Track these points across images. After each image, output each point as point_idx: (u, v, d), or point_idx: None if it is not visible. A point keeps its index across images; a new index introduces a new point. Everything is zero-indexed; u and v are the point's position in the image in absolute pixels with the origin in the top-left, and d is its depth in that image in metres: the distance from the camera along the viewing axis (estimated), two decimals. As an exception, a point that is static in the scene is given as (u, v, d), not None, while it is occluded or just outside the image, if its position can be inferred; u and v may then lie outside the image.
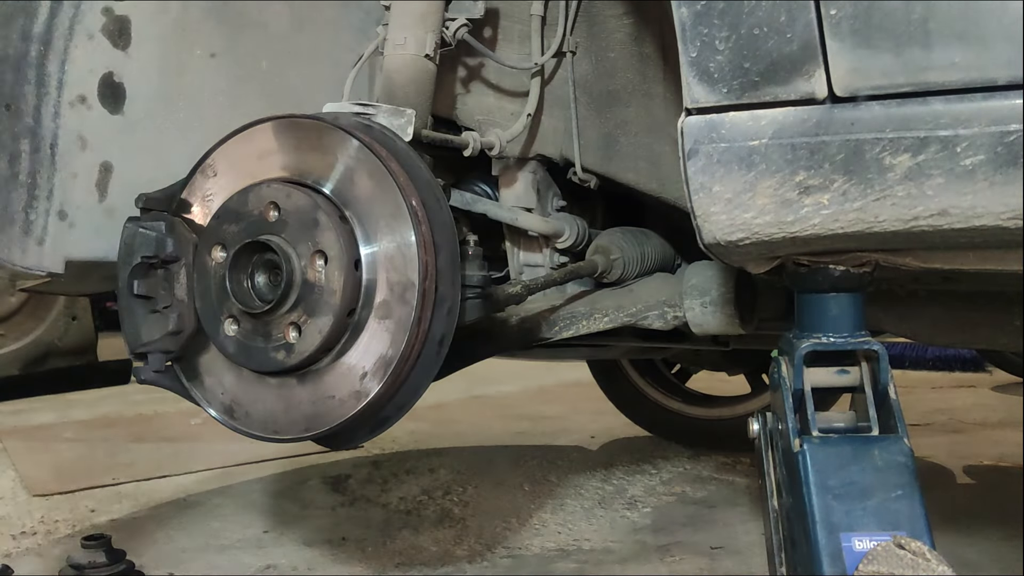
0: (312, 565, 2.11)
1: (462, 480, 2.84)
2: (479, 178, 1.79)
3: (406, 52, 1.42)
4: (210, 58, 1.62)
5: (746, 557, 2.10)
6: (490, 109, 1.69)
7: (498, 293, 1.49)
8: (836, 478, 1.02)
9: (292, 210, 1.21)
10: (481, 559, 2.13)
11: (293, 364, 1.21)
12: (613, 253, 1.72)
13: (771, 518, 1.16)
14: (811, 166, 0.95)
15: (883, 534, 0.97)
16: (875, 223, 0.95)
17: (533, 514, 2.49)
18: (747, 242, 1.01)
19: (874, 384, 1.09)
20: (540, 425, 3.85)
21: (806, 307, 1.13)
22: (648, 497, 2.65)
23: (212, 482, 2.92)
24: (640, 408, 3.32)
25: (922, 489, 1.01)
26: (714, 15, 0.97)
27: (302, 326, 1.19)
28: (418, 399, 1.26)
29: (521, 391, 4.79)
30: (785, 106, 0.97)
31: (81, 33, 1.48)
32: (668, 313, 1.67)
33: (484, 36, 1.64)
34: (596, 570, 2.04)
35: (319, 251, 1.19)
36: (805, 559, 1.01)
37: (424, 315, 1.19)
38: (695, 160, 1.00)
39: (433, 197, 1.25)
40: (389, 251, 1.20)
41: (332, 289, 1.18)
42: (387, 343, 1.19)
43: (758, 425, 1.20)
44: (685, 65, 0.99)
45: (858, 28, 0.92)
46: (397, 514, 2.52)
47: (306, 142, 1.25)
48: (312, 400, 1.23)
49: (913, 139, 0.92)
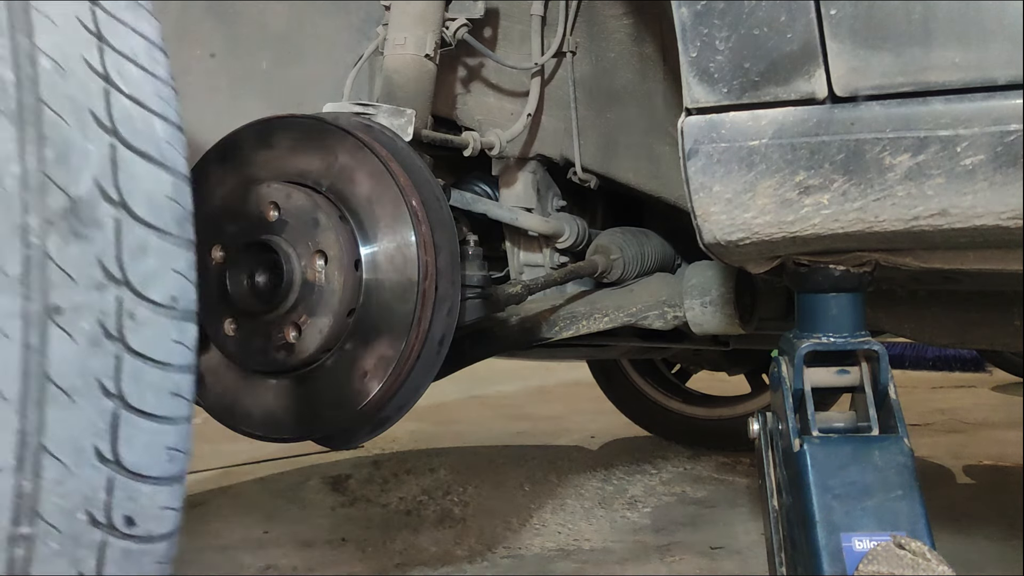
0: (312, 565, 2.10)
1: (462, 480, 2.84)
2: (479, 178, 1.79)
3: (406, 52, 1.42)
4: (210, 58, 1.62)
5: (746, 557, 2.10)
6: (490, 109, 1.69)
7: (498, 293, 1.49)
8: (836, 478, 1.02)
9: (292, 210, 1.21)
10: (481, 559, 2.13)
11: (293, 364, 1.21)
12: (613, 253, 1.72)
13: (771, 518, 1.16)
14: (811, 166, 0.95)
15: (883, 534, 0.97)
16: (875, 223, 0.95)
17: (533, 514, 2.49)
18: (747, 242, 1.01)
19: (874, 384, 1.09)
20: (540, 425, 3.85)
21: (806, 307, 1.13)
22: (648, 497, 2.65)
23: (212, 482, 2.92)
24: (640, 408, 3.32)
25: (922, 489, 1.01)
26: (714, 15, 0.97)
27: (302, 326, 1.19)
28: (418, 399, 1.26)
29: (521, 391, 4.79)
30: (785, 106, 0.97)
31: (81, 33, 1.48)
32: (668, 313, 1.67)
33: (484, 36, 1.64)
34: (596, 570, 2.04)
35: (319, 251, 1.19)
36: (805, 559, 1.01)
37: (424, 315, 1.19)
38: (695, 160, 1.00)
39: (433, 197, 1.26)
40: (389, 251, 1.20)
41: (332, 289, 1.18)
42: (387, 343, 1.19)
43: (758, 425, 1.20)
44: (685, 65, 0.99)
45: (858, 28, 0.92)
46: (397, 514, 2.52)
47: (306, 142, 1.25)
48: (312, 400, 1.23)
49: (913, 139, 0.92)
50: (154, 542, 0.79)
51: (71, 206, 0.70)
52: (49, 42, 0.72)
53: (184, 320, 0.78)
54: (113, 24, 0.77)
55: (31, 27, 0.71)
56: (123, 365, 0.74)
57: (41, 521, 0.71)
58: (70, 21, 0.74)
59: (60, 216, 0.70)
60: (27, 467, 0.69)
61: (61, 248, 0.70)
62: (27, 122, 0.69)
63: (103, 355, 0.73)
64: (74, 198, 0.71)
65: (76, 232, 0.71)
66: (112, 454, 0.74)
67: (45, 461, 0.70)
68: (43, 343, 0.70)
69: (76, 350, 0.71)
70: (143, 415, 0.76)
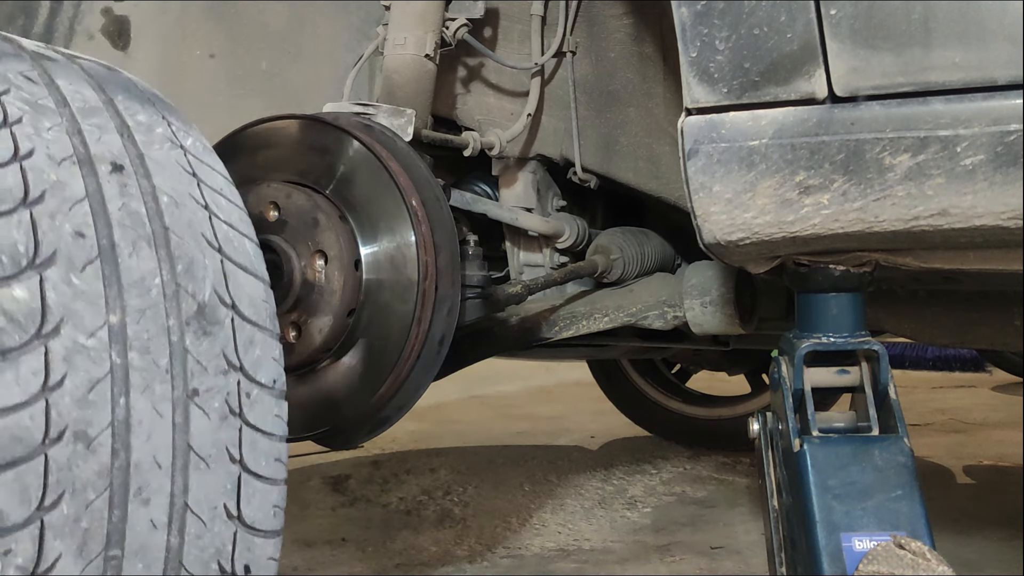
0: (312, 565, 2.10)
1: (462, 480, 2.84)
2: (479, 178, 1.79)
3: (406, 52, 1.42)
4: (210, 58, 1.62)
5: (746, 557, 2.10)
6: (490, 109, 1.69)
7: (498, 293, 1.49)
8: (836, 478, 1.02)
9: (292, 210, 1.21)
10: (481, 559, 2.13)
11: (293, 364, 1.21)
12: (613, 253, 1.72)
13: (771, 518, 1.16)
14: (811, 166, 0.95)
15: (883, 534, 0.97)
16: (875, 223, 0.95)
17: (533, 514, 2.49)
18: (747, 242, 1.01)
19: (874, 384, 1.09)
20: (540, 425, 3.85)
21: (806, 307, 1.13)
22: (648, 497, 2.65)
23: (212, 482, 2.92)
24: (640, 408, 3.32)
25: (922, 489, 1.01)
26: (714, 15, 0.97)
27: (302, 326, 1.19)
28: (418, 399, 1.26)
29: (521, 391, 4.79)
30: (785, 106, 0.97)
31: (81, 33, 1.48)
32: (668, 313, 1.67)
33: (484, 36, 1.64)
34: (596, 570, 2.04)
35: (319, 251, 1.19)
36: (805, 559, 1.01)
37: (424, 315, 1.19)
38: (695, 160, 1.00)
39: (433, 197, 1.26)
40: (389, 251, 1.20)
41: (332, 289, 1.18)
42: (387, 343, 1.19)
43: (758, 425, 1.20)
44: (685, 65, 0.99)
45: (858, 28, 0.92)
46: (397, 514, 2.52)
47: (306, 142, 1.25)
48: (312, 400, 1.23)
49: (913, 139, 0.92)
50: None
51: (199, 309, 0.86)
52: (163, 182, 0.88)
53: (280, 398, 0.93)
54: (201, 166, 0.94)
55: (148, 171, 0.88)
56: (243, 436, 0.88)
57: (185, 571, 0.83)
58: (173, 165, 0.91)
59: (192, 317, 0.85)
60: (175, 525, 0.82)
61: (195, 343, 0.85)
62: (159, 245, 0.85)
63: (230, 428, 0.87)
64: (200, 303, 0.86)
65: (205, 330, 0.86)
66: (236, 511, 0.88)
67: (188, 519, 0.83)
68: (186, 420, 0.83)
69: (210, 425, 0.85)
70: (258, 478, 0.90)
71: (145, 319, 0.82)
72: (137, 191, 0.86)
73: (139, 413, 0.80)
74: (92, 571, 0.77)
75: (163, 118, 0.94)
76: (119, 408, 0.79)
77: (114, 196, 0.84)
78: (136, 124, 0.91)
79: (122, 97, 0.92)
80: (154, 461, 0.81)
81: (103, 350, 0.79)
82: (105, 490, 0.78)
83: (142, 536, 0.80)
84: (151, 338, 0.82)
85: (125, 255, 0.82)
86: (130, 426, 0.80)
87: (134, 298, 0.82)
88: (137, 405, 0.80)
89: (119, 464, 0.78)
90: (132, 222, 0.84)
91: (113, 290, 0.81)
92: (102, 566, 0.77)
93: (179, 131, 0.95)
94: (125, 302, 0.81)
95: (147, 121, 0.92)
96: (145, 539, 0.80)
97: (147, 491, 0.80)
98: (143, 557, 0.80)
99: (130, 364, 0.80)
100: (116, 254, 0.82)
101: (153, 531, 0.81)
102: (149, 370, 0.81)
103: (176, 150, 0.93)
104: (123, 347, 0.80)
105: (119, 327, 0.80)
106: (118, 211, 0.83)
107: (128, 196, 0.85)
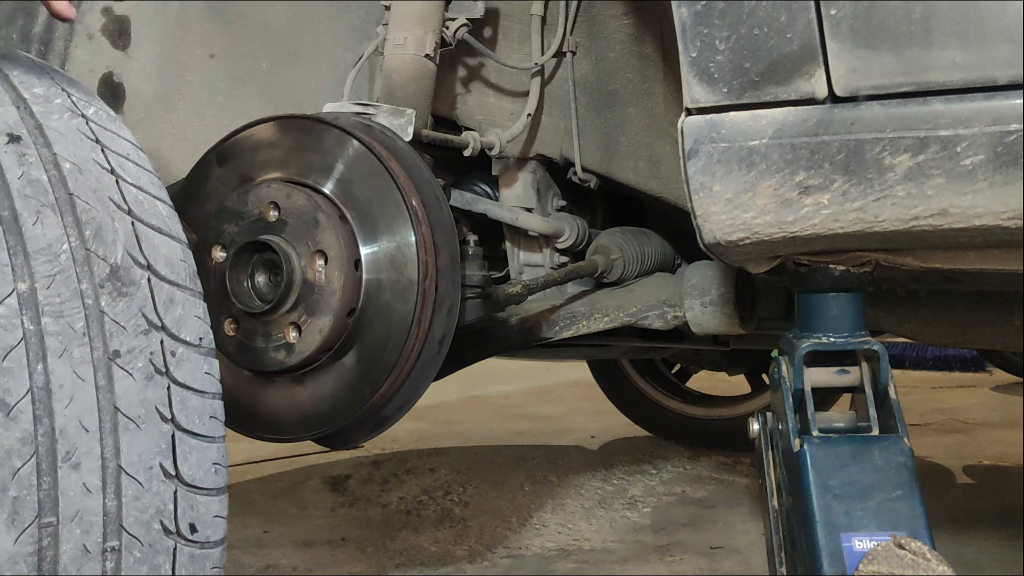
0: (312, 565, 2.10)
1: (462, 480, 2.84)
2: (479, 178, 1.79)
3: (406, 52, 1.42)
4: (210, 58, 1.62)
5: (746, 557, 2.10)
6: (490, 109, 1.69)
7: (498, 293, 1.49)
8: (836, 478, 1.02)
9: (292, 210, 1.21)
10: (481, 559, 2.13)
11: (293, 364, 1.21)
12: (613, 253, 1.72)
13: (771, 518, 1.16)
14: (811, 166, 0.95)
15: (883, 534, 0.97)
16: (875, 223, 0.95)
17: (533, 514, 2.49)
18: (747, 242, 1.01)
19: (874, 384, 1.09)
20: (540, 425, 3.85)
21: (806, 307, 1.13)
22: (648, 497, 2.65)
23: (212, 482, 2.92)
24: (640, 408, 3.32)
25: (922, 489, 1.01)
26: (714, 15, 0.97)
27: (302, 326, 1.19)
28: (418, 399, 1.26)
29: (521, 391, 4.79)
30: (785, 106, 0.97)
31: (81, 33, 1.48)
32: (668, 313, 1.67)
33: (484, 36, 1.64)
34: (596, 570, 2.04)
35: (319, 251, 1.19)
36: (805, 559, 1.01)
37: (424, 315, 1.19)
38: (695, 160, 1.00)
39: (433, 197, 1.26)
40: (389, 251, 1.20)
41: (332, 289, 1.18)
42: (387, 343, 1.19)
43: (758, 425, 1.20)
44: (685, 65, 0.99)
45: (858, 28, 0.92)
46: (397, 514, 2.52)
47: (306, 142, 1.25)
48: (312, 400, 1.23)
49: (913, 139, 0.92)
50: (212, 547, 0.93)
51: (112, 271, 0.87)
52: (64, 150, 0.89)
53: (209, 356, 0.94)
54: (105, 133, 0.96)
55: (48, 140, 0.89)
56: (173, 395, 0.89)
57: (126, 534, 0.84)
58: (74, 133, 0.92)
59: (106, 280, 0.86)
60: (110, 488, 0.83)
61: (111, 305, 0.86)
62: (64, 211, 0.86)
63: (157, 387, 0.88)
64: (113, 265, 0.87)
65: (120, 291, 0.87)
66: (174, 470, 0.88)
67: (124, 480, 0.84)
68: (110, 382, 0.84)
69: (136, 385, 0.86)
70: (193, 435, 0.90)
71: (56, 284, 0.83)
72: (37, 160, 0.87)
73: (59, 378, 0.81)
74: (27, 539, 0.77)
75: (62, 90, 0.95)
76: (37, 374, 0.80)
77: (12, 166, 0.85)
78: (33, 96, 0.92)
79: (17, 72, 0.93)
80: (80, 425, 0.81)
81: (13, 317, 0.80)
82: (31, 457, 0.78)
83: (77, 501, 0.80)
84: (64, 302, 0.83)
85: (29, 223, 0.83)
86: (51, 391, 0.80)
87: (42, 264, 0.82)
88: (56, 370, 0.81)
89: (43, 430, 0.79)
90: (34, 191, 0.85)
91: (19, 258, 0.82)
92: (37, 533, 0.78)
93: (80, 101, 0.96)
94: (33, 269, 0.82)
95: (45, 93, 0.93)
96: (80, 504, 0.81)
97: (76, 455, 0.81)
98: (80, 522, 0.80)
99: (44, 329, 0.81)
100: (20, 223, 0.83)
101: (88, 495, 0.81)
102: (65, 334, 0.82)
103: (77, 119, 0.93)
104: (35, 313, 0.81)
105: (29, 294, 0.81)
106: (17, 180, 0.84)
107: (27, 165, 0.86)
